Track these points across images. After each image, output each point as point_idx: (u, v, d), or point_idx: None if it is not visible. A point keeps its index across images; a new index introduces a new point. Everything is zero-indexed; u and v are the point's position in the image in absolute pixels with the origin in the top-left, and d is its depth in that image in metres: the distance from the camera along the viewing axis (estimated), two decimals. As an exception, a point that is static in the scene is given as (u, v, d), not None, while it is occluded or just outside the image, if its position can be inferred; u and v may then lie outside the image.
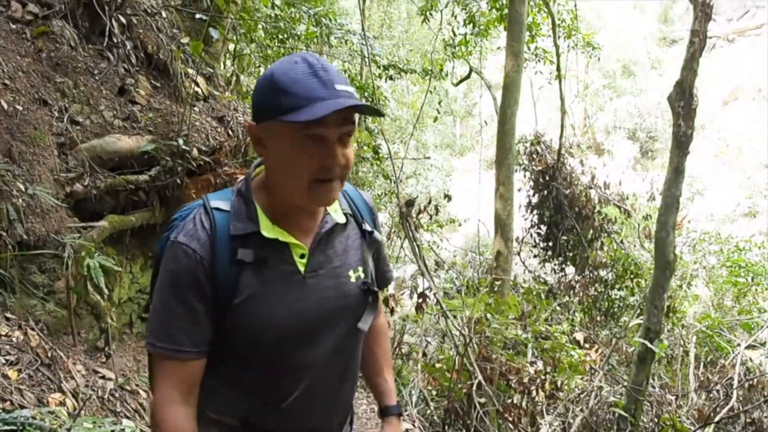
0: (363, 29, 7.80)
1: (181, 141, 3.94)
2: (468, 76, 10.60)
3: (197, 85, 4.51)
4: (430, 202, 6.45)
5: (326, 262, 1.28)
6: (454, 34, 9.04)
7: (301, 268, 1.24)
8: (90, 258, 3.14)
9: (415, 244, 6.18)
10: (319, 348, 1.27)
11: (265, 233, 1.20)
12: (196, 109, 4.41)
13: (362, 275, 1.34)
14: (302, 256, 1.24)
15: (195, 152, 4.07)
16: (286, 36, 7.85)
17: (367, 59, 8.05)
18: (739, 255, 8.50)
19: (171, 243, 1.19)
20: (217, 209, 1.22)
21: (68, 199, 3.49)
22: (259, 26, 7.34)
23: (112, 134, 3.86)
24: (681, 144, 5.98)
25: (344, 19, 9.12)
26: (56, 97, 3.74)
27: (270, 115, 1.13)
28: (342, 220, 1.32)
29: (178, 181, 3.98)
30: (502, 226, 6.62)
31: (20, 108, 3.42)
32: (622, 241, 8.18)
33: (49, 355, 2.89)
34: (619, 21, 21.11)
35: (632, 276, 7.72)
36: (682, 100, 5.87)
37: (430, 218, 6.93)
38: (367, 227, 1.39)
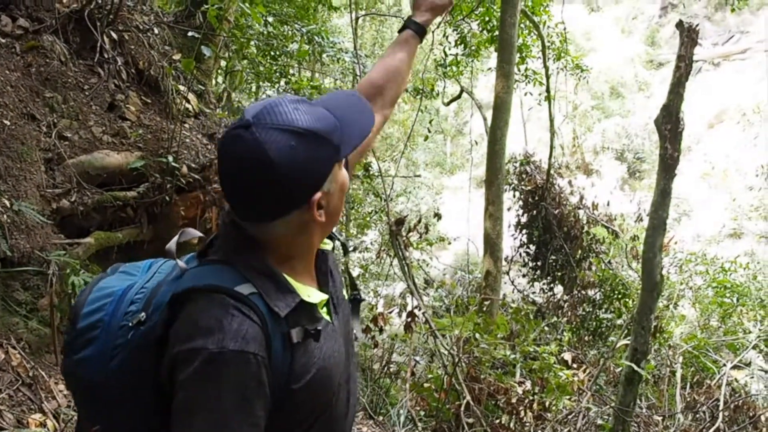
0: (355, 48, 7.87)
1: (170, 158, 3.93)
2: (459, 96, 10.70)
3: (188, 101, 4.51)
4: (420, 221, 6.47)
5: (337, 297, 1.23)
6: (446, 55, 9.14)
7: (328, 317, 1.16)
8: (75, 275, 3.11)
9: (404, 262, 6.18)
10: (351, 382, 1.22)
11: (306, 298, 1.07)
12: (186, 125, 4.41)
13: (349, 289, 1.33)
14: (325, 304, 1.16)
15: (184, 169, 4.06)
16: (278, 53, 7.90)
17: (358, 77, 8.11)
18: (724, 276, 8.58)
19: (220, 355, 0.94)
20: (246, 294, 1.00)
21: (54, 216, 3.46)
22: (252, 43, 7.38)
23: (101, 150, 3.84)
24: (668, 167, 6.04)
25: (337, 37, 9.20)
26: (45, 112, 3.73)
27: (329, 165, 1.05)
28: (330, 246, 1.27)
29: (167, 198, 3.96)
30: (491, 245, 6.64)
31: (8, 123, 3.40)
32: (609, 262, 8.24)
33: (31, 374, 2.85)
34: (608, 44, 21.47)
35: (620, 296, 7.76)
36: (669, 124, 5.94)
37: (420, 237, 6.94)
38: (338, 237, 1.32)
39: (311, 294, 1.09)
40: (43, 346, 3.17)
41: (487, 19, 8.57)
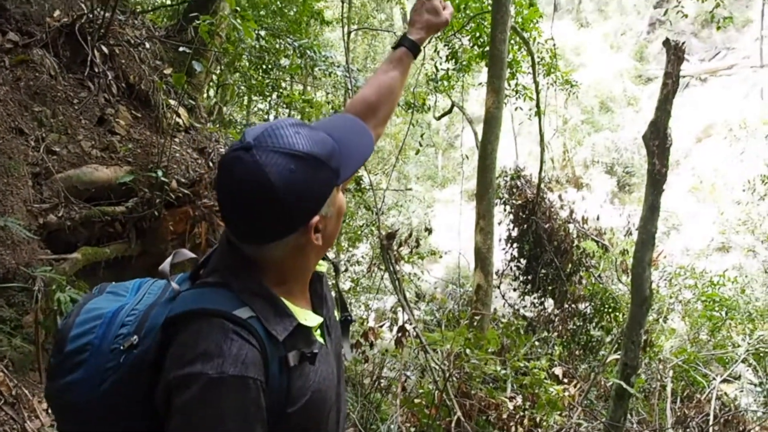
0: (347, 62, 7.90)
1: (160, 172, 3.91)
2: (450, 111, 10.76)
3: (179, 116, 4.50)
4: (411, 235, 6.47)
5: (330, 319, 1.23)
6: (437, 69, 9.20)
7: (322, 340, 1.15)
8: (61, 292, 3.07)
9: (395, 276, 6.17)
10: (341, 401, 1.22)
11: (303, 322, 1.07)
12: (176, 140, 4.40)
13: (340, 311, 1.32)
14: (319, 327, 1.14)
15: (174, 184, 4.04)
16: (270, 67, 7.92)
17: (350, 91, 8.13)
18: (713, 290, 8.63)
19: (220, 380, 0.92)
20: (244, 318, 0.99)
21: (41, 231, 3.43)
22: (244, 56, 7.40)
23: (90, 164, 3.82)
24: (656, 182, 6.09)
25: (329, 51, 9.24)
26: (33, 126, 3.71)
27: (328, 189, 1.05)
28: (324, 268, 1.27)
29: (156, 212, 3.93)
30: (482, 260, 6.64)
31: (-4, 137, 3.38)
32: (600, 276, 8.26)
33: (14, 393, 2.80)
34: (597, 59, 21.70)
35: (610, 310, 7.78)
36: (657, 140, 6.00)
37: (411, 251, 6.94)
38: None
39: (308, 317, 1.09)
40: (27, 363, 3.13)
41: (477, 34, 8.65)
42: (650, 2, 26.91)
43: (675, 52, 6.28)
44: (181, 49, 4.05)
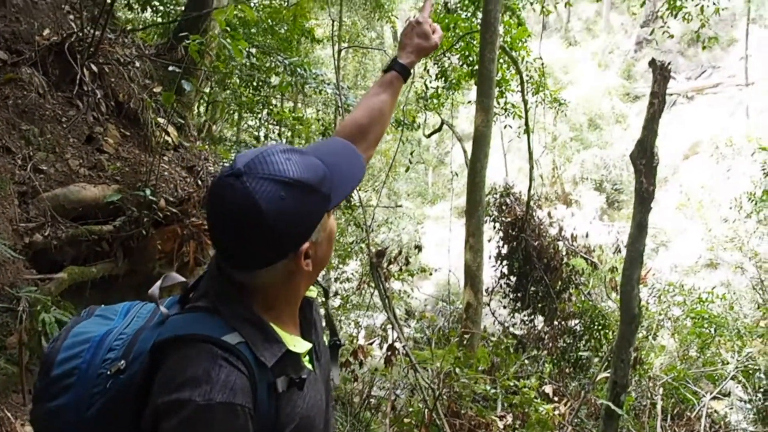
0: (337, 80, 7.94)
1: (148, 191, 3.90)
2: (439, 129, 10.83)
3: (168, 134, 4.50)
4: (400, 253, 6.47)
5: (319, 344, 1.23)
6: (427, 88, 9.28)
7: (311, 366, 1.15)
8: (46, 312, 3.04)
9: (384, 294, 6.15)
10: (329, 426, 1.21)
11: (292, 348, 1.06)
12: (165, 158, 4.39)
13: (329, 336, 1.32)
14: (308, 353, 1.14)
15: (162, 203, 4.02)
16: (261, 84, 7.95)
17: (341, 109, 8.17)
18: (702, 307, 8.67)
19: (208, 407, 0.91)
20: (233, 344, 0.99)
21: (27, 250, 3.39)
22: (235, 73, 7.42)
23: (77, 183, 3.80)
24: (643, 200, 6.14)
25: (319, 68, 9.29)
26: (20, 144, 3.69)
27: (318, 215, 1.05)
28: (314, 293, 1.27)
29: (144, 231, 3.91)
30: (471, 277, 6.65)
31: (-18, 156, 3.35)
32: (589, 293, 8.28)
33: (-4, 415, 2.75)
34: (585, 77, 21.98)
35: (600, 327, 7.79)
36: (644, 159, 6.06)
37: (401, 269, 6.93)
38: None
39: (296, 343, 1.09)
40: (10, 385, 3.08)
41: (467, 53, 8.74)
42: (637, 21, 27.36)
43: (661, 72, 6.37)
44: (170, 68, 4.06)
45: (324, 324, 1.33)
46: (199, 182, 4.48)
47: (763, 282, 10.86)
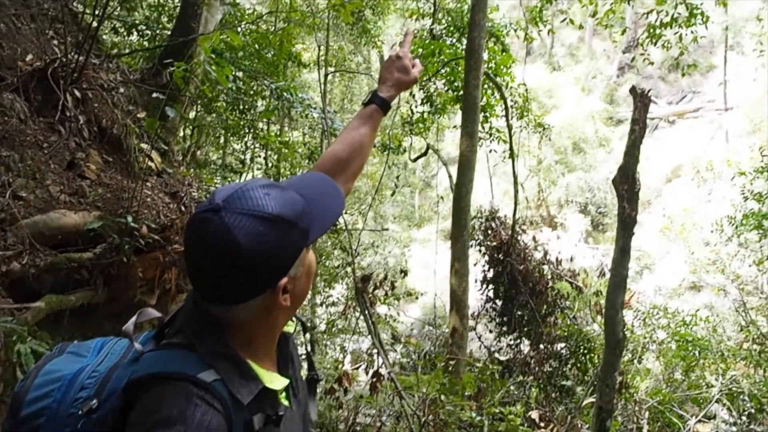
0: (323, 104, 7.99)
1: (129, 218, 3.85)
2: (425, 153, 10.90)
3: (151, 160, 4.47)
4: (386, 278, 6.45)
5: (297, 379, 1.22)
6: (412, 112, 9.35)
7: (287, 402, 1.14)
8: (22, 343, 2.96)
9: (370, 320, 6.12)
10: None
11: (269, 385, 1.05)
12: (148, 184, 4.35)
13: (306, 370, 1.30)
14: (284, 390, 1.13)
15: (144, 230, 3.98)
16: (247, 107, 7.96)
17: (327, 132, 8.20)
18: (686, 330, 8.72)
19: None
20: (209, 381, 0.97)
21: (3, 279, 3.33)
22: (221, 97, 7.42)
23: (57, 210, 3.74)
24: (626, 226, 6.19)
25: (306, 92, 9.34)
26: (0, 171, 3.64)
27: (297, 251, 1.04)
28: (292, 328, 1.27)
29: (125, 259, 3.85)
30: (457, 302, 6.64)
31: (-40, 183, 3.30)
32: (575, 317, 8.30)
33: (-33, 451, 2.66)
34: (569, 101, 22.34)
35: (585, 351, 7.80)
36: (626, 184, 6.13)
37: (386, 294, 6.91)
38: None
39: (273, 380, 1.07)
40: (-17, 419, 2.99)
41: (452, 79, 8.85)
42: (619, 47, 27.95)
43: (641, 99, 6.48)
44: (154, 94, 4.06)
45: (302, 358, 1.31)
46: (183, 208, 4.45)
47: (746, 304, 10.96)
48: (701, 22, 8.35)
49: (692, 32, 8.67)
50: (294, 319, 1.28)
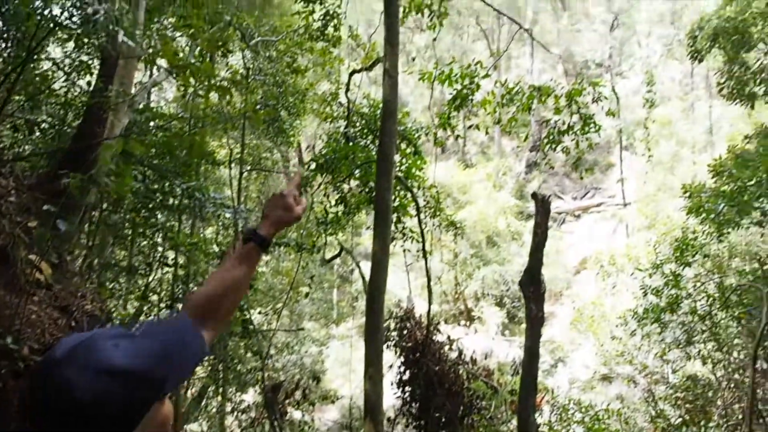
0: (237, 203, 7.91)
1: (9, 339, 3.52)
2: (338, 255, 10.92)
3: (40, 272, 4.18)
4: (297, 386, 6.19)
5: None
6: (326, 213, 9.43)
7: None
8: None
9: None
10: None
11: None
12: (35, 299, 4.04)
13: None
14: None
15: (26, 351, 3.64)
16: (157, 206, 7.73)
17: (241, 231, 8.06)
18: (599, 425, 8.87)
19: None
20: None
21: None
22: (128, 197, 7.17)
23: None
24: (534, 326, 6.35)
25: (221, 190, 9.23)
26: None
27: (146, 405, 0.99)
28: None
29: (1, 384, 3.48)
30: (371, 409, 6.42)
31: None
32: (491, 417, 8.24)
33: None
34: (482, 196, 23.43)
35: (504, 453, 7.71)
36: (532, 286, 6.35)
37: (298, 403, 6.61)
38: None
39: None
40: None
41: (365, 180, 9.06)
42: (526, 146, 30.06)
43: (542, 205, 6.86)
44: (45, 207, 3.88)
45: None
46: (73, 323, 4.14)
47: (654, 395, 11.34)
48: (594, 129, 9.12)
49: (587, 139, 9.45)
50: None
